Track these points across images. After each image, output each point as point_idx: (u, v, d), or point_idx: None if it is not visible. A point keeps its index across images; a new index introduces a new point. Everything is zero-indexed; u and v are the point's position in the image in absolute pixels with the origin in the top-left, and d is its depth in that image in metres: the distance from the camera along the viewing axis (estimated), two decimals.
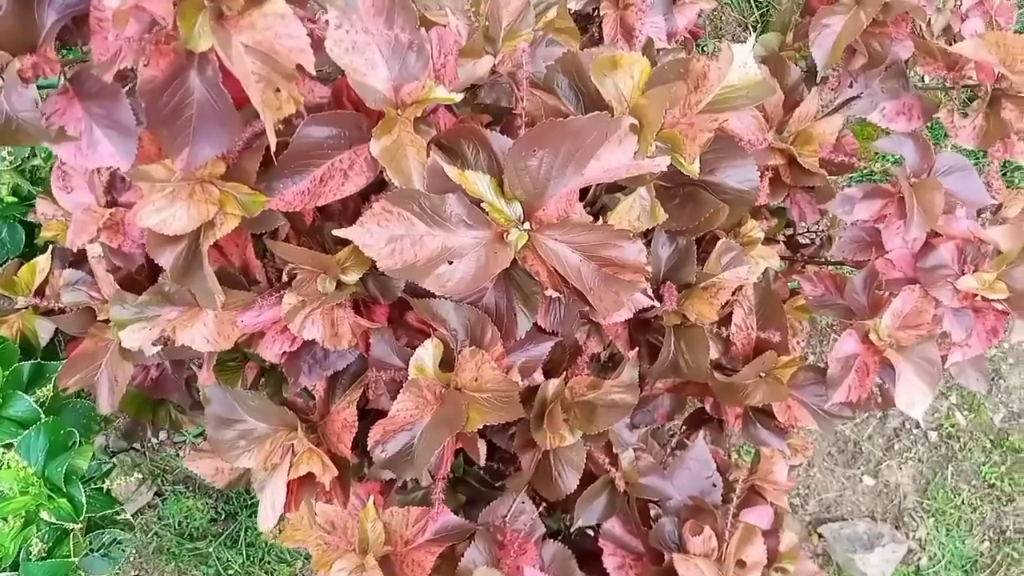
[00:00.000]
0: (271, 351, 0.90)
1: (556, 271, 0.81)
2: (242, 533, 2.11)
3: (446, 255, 0.77)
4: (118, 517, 1.13)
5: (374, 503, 0.92)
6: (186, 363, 1.17)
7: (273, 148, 0.74)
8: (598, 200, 0.87)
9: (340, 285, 0.88)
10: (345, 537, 0.92)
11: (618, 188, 0.91)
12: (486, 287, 0.84)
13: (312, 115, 0.80)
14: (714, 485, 1.19)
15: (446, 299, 0.83)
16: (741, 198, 0.88)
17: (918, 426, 2.17)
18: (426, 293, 0.79)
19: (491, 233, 0.78)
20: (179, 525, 2.11)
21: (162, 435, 2.07)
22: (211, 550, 2.09)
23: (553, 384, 0.99)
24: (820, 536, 2.05)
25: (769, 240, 1.24)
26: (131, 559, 2.09)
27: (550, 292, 0.83)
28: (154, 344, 0.91)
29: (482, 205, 0.77)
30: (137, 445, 1.87)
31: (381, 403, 0.98)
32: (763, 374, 1.15)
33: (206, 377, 0.94)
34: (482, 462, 0.87)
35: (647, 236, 0.99)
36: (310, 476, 1.00)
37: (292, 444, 1.01)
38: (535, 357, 0.91)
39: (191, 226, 0.79)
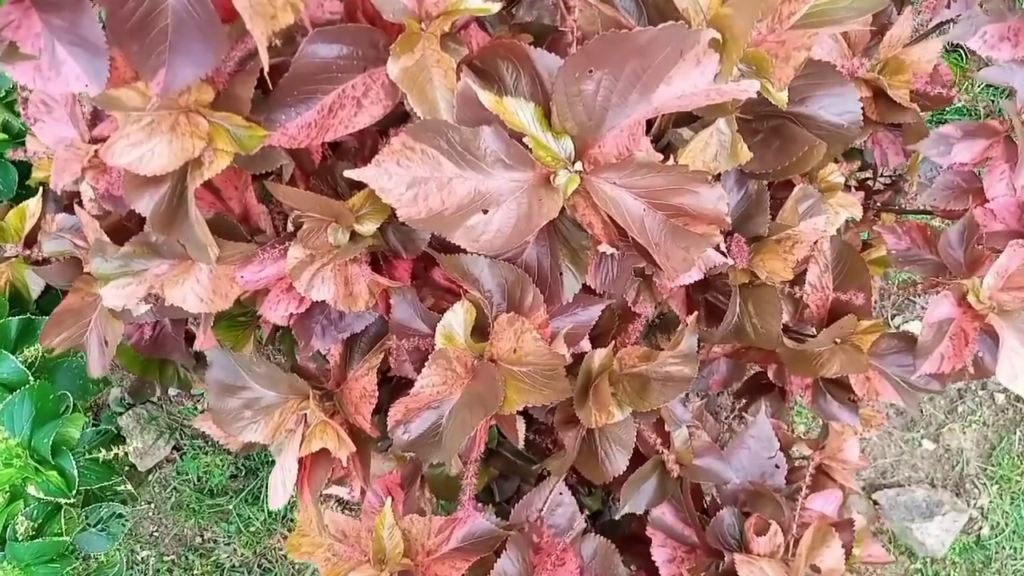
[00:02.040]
0: (276, 312, 0.77)
1: (613, 222, 0.66)
2: (263, 489, 2.02)
3: (480, 202, 0.63)
4: (118, 488, 1.02)
5: (391, 506, 0.79)
6: (187, 320, 1.05)
7: (266, 68, 0.60)
8: (663, 136, 0.72)
9: (355, 236, 0.74)
10: (359, 547, 0.80)
11: (684, 122, 0.76)
12: (527, 241, 0.70)
13: (318, 30, 0.66)
14: (777, 467, 1.06)
15: (479, 255, 0.70)
16: (838, 134, 0.73)
17: (984, 387, 2.02)
18: (456, 248, 0.65)
19: (534, 175, 0.64)
20: (198, 480, 2.02)
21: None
22: (231, 507, 2.00)
23: (600, 354, 0.85)
24: (875, 503, 1.92)
25: (847, 186, 1.09)
26: (150, 514, 2.01)
27: (604, 248, 0.69)
28: (142, 302, 0.79)
29: (524, 141, 0.63)
30: (153, 398, 1.77)
31: (404, 370, 0.85)
32: (838, 340, 1.01)
33: (204, 340, 0.82)
34: (520, 443, 0.74)
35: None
36: (325, 452, 0.88)
37: (305, 415, 0.89)
38: (583, 323, 0.78)
39: (174, 164, 0.66)
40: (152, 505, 2.01)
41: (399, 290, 0.76)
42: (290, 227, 0.76)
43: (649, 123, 0.71)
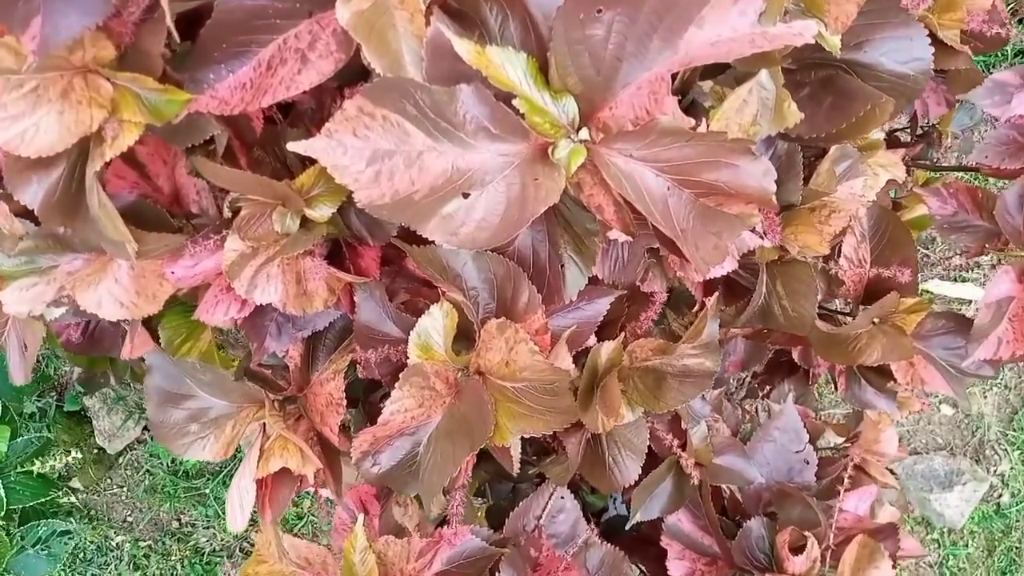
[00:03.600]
0: (214, 315, 0.64)
1: (628, 204, 0.53)
2: None
3: (459, 183, 0.49)
4: (61, 501, 0.90)
5: (364, 524, 0.67)
6: None
7: (169, 15, 0.45)
8: (687, 93, 0.58)
9: (306, 223, 0.60)
10: (325, 574, 0.68)
11: (709, 74, 0.61)
12: None
13: None
14: (806, 462, 0.93)
15: None
16: (903, 86, 0.59)
17: None
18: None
19: (528, 148, 0.50)
20: (172, 463, 1.90)
21: None
22: (208, 490, 1.88)
23: (607, 348, 0.72)
24: (891, 473, 1.81)
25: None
26: (123, 499, 1.89)
27: (616, 234, 0.55)
28: (51, 306, 0.65)
29: (514, 103, 0.49)
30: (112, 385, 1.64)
31: (375, 374, 0.72)
32: (876, 320, 0.88)
33: (132, 348, 0.68)
34: (516, 469, 0.61)
35: None
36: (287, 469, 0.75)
37: (264, 425, 0.76)
38: (589, 320, 0.64)
39: (67, 141, 0.52)
40: (125, 489, 1.89)
41: (365, 286, 0.63)
42: (227, 212, 0.62)
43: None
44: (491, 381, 0.57)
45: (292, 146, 0.51)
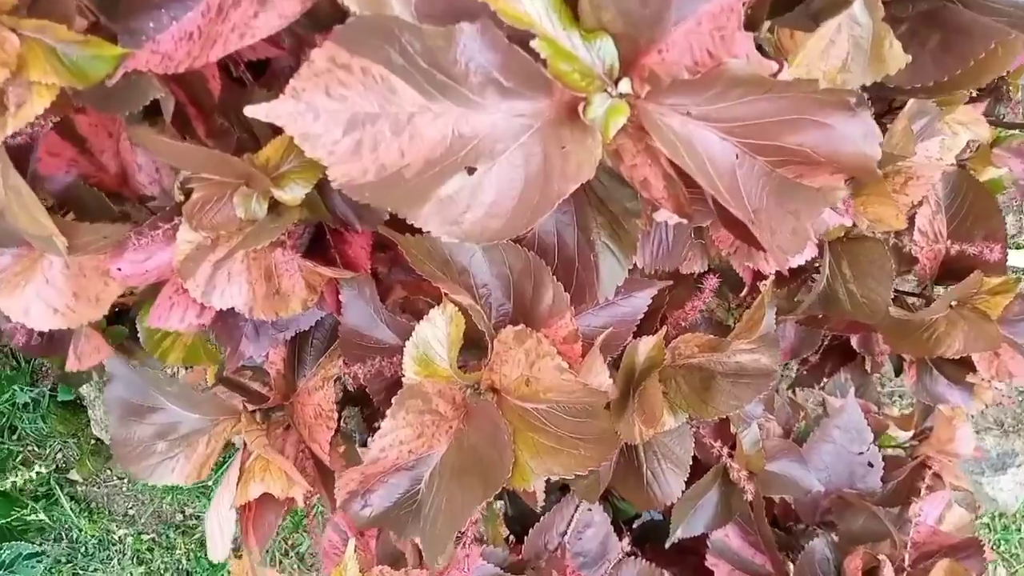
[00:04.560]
0: (170, 320, 0.52)
1: (681, 176, 0.41)
2: None
3: (461, 154, 0.38)
4: (28, 519, 0.79)
5: (356, 549, 0.56)
6: None
7: None
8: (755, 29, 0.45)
9: (277, 207, 0.49)
10: None
11: (780, 10, 0.49)
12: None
13: None
14: (870, 465, 0.82)
15: None
16: None
17: None
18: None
19: (552, 105, 0.38)
20: None
21: None
22: (212, 481, 1.79)
23: (646, 344, 0.61)
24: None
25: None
26: (123, 491, 1.80)
27: (664, 215, 0.43)
28: None
29: (532, 45, 0.36)
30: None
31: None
32: (955, 303, 0.75)
33: (76, 361, 0.57)
34: (541, 503, 0.50)
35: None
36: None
37: (245, 442, 0.65)
38: (627, 318, 0.53)
39: None
40: (125, 481, 1.80)
41: (352, 282, 0.51)
42: (178, 195, 0.50)
43: None
44: (508, 402, 0.45)
45: (250, 110, 0.40)
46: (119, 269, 0.51)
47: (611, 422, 0.45)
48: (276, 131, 0.50)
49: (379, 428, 0.48)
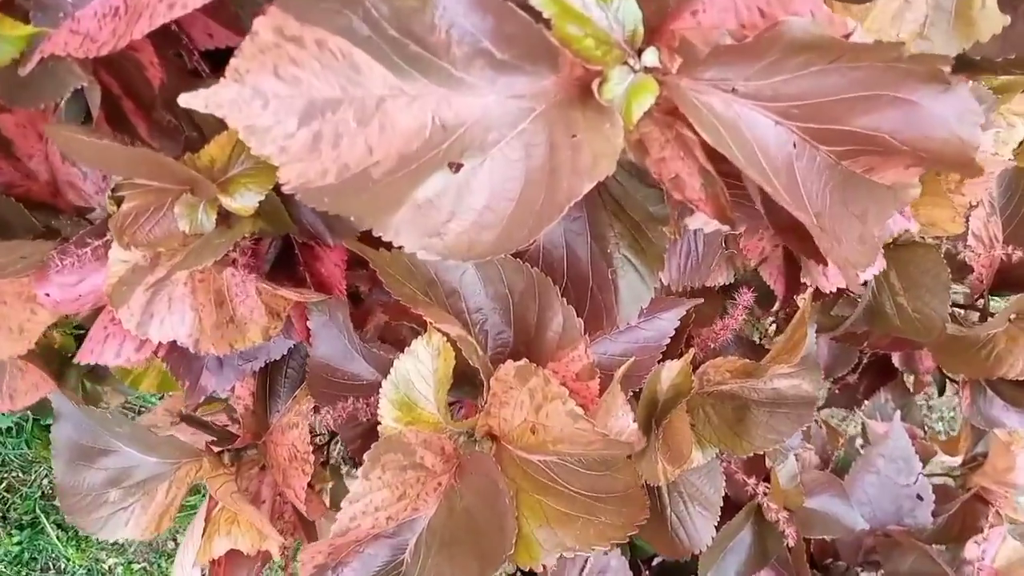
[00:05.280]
0: (104, 355, 0.44)
1: (721, 172, 0.32)
2: None
3: (443, 147, 0.29)
4: (13, 547, 0.71)
5: None
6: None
7: None
8: None
9: (228, 219, 0.40)
10: None
11: None
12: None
13: None
14: (919, 498, 0.73)
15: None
16: None
17: None
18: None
19: (559, 82, 0.30)
20: None
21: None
22: None
23: (671, 371, 0.52)
24: None
25: None
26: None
27: (699, 221, 0.35)
28: None
29: (533, 3, 0.28)
30: None
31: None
32: (1014, 316, 0.67)
33: (8, 402, 0.49)
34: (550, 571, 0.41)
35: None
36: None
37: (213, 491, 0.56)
38: (651, 344, 0.44)
39: None
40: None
41: (322, 306, 0.43)
42: (104, 206, 0.42)
43: None
44: (509, 453, 0.37)
45: (185, 99, 0.32)
46: (47, 294, 0.43)
47: (636, 476, 0.36)
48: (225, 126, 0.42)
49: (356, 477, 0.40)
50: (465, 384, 0.39)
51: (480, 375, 0.37)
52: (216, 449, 0.57)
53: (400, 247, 0.29)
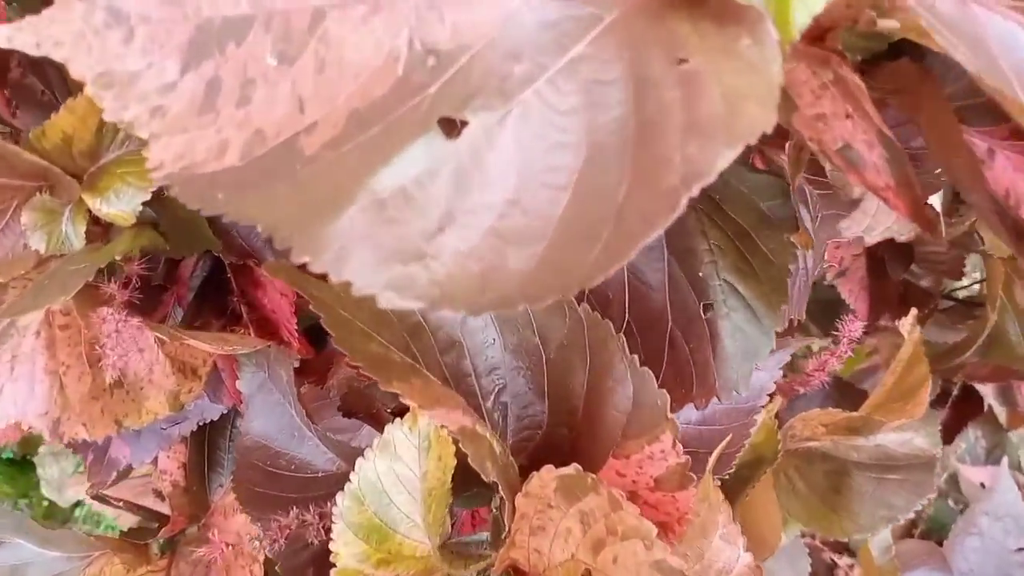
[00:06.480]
0: None
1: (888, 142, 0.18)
2: None
3: (429, 91, 0.15)
4: None
5: None
6: None
7: None
8: None
9: (108, 231, 0.26)
10: None
11: None
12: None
13: None
14: None
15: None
16: None
17: None
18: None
19: None
20: None
21: None
22: None
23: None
24: None
25: None
26: None
27: (860, 225, 0.21)
28: None
29: None
30: None
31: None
32: None
33: None
34: None
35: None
36: None
37: None
38: (743, 407, 0.30)
39: None
40: None
41: (256, 358, 0.29)
42: None
43: None
44: None
45: (7, 35, 0.18)
46: None
47: None
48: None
49: None
50: (471, 484, 0.25)
51: (494, 472, 0.23)
52: (138, 540, 0.43)
53: (346, 283, 0.15)
